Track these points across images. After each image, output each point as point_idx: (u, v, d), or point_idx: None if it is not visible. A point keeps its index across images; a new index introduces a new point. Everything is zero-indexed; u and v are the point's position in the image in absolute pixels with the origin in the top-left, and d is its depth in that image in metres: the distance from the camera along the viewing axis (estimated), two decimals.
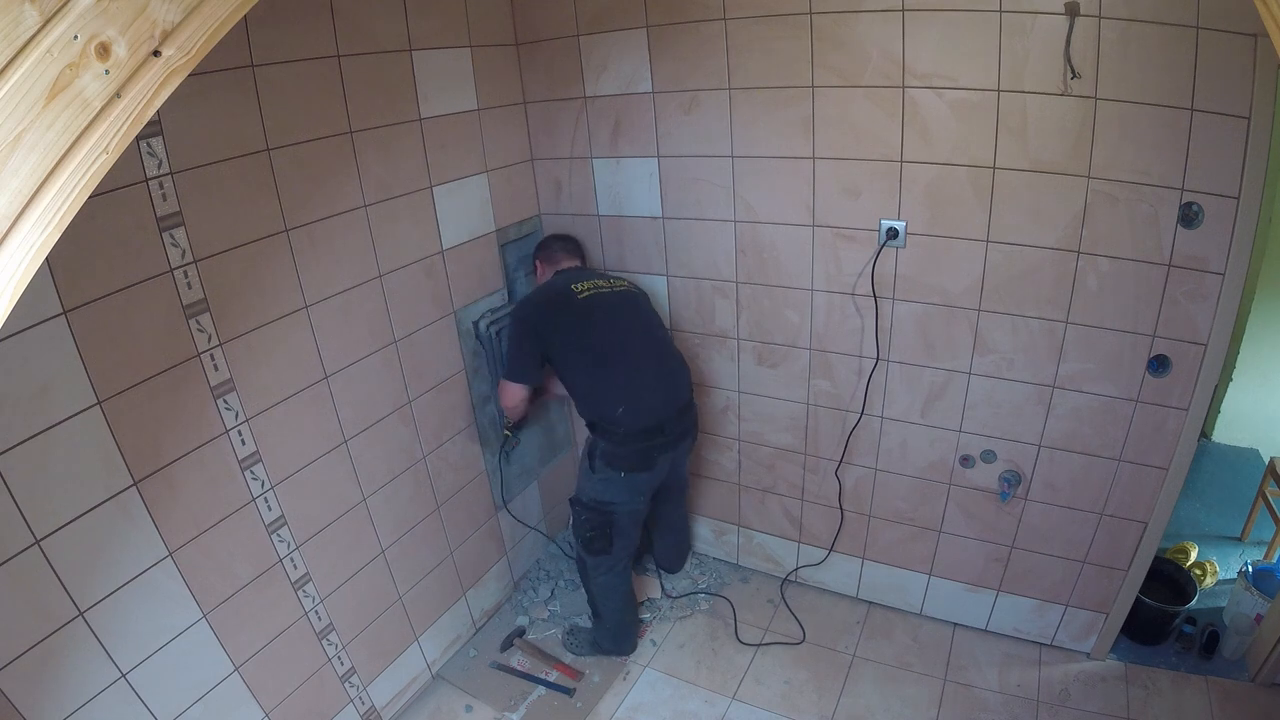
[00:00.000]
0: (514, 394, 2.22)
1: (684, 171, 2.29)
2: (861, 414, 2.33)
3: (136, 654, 1.53)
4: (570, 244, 2.40)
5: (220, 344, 1.60)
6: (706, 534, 2.91)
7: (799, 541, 2.69)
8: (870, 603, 2.65)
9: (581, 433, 2.53)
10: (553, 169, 2.51)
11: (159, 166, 1.43)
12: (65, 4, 0.61)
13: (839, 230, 2.13)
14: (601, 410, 2.18)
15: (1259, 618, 2.24)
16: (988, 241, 1.96)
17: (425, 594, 2.35)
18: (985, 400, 2.15)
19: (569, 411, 2.92)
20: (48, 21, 0.60)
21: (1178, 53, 1.60)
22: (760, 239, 2.26)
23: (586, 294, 2.17)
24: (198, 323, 1.55)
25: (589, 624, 2.58)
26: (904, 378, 2.23)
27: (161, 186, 1.44)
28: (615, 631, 2.49)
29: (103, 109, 0.66)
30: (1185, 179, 1.70)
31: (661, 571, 2.83)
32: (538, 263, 2.39)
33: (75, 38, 0.62)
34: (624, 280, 2.31)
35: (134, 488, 1.47)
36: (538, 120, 2.45)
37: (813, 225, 2.17)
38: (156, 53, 0.68)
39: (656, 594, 2.75)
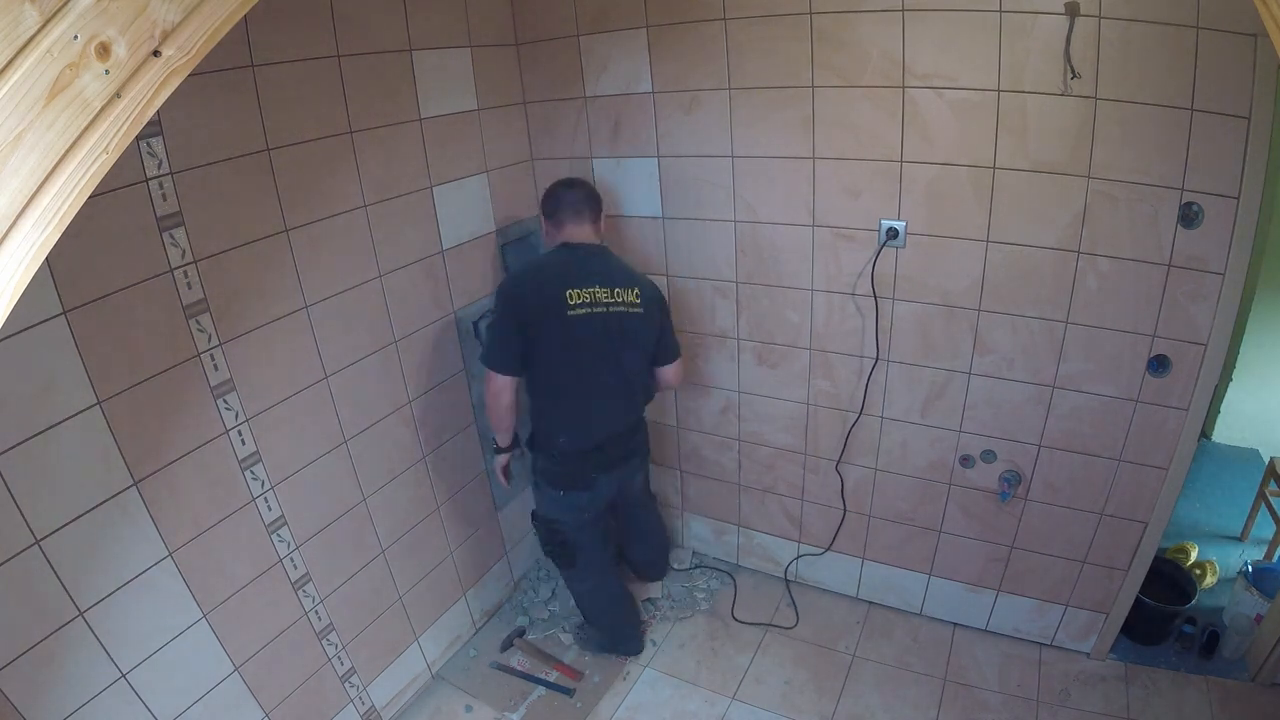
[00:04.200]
0: (493, 385, 1.97)
1: (684, 171, 2.29)
2: (860, 413, 2.33)
3: (136, 654, 1.53)
4: (579, 199, 2.03)
5: (220, 344, 1.61)
6: (706, 534, 2.90)
7: (799, 541, 2.69)
8: (870, 603, 2.65)
9: None
10: (553, 169, 2.50)
11: (159, 166, 1.43)
12: (65, 4, 0.61)
13: (839, 230, 2.13)
14: (540, 431, 2.11)
15: (1259, 618, 2.24)
16: (988, 241, 1.96)
17: (425, 594, 2.35)
18: (985, 400, 2.15)
19: None
20: (48, 21, 0.60)
21: (1178, 53, 1.60)
22: (760, 239, 2.26)
23: (579, 312, 1.90)
24: (198, 323, 1.55)
25: None
26: (904, 378, 2.23)
27: (161, 186, 1.44)
28: (611, 634, 2.49)
29: (103, 109, 0.66)
30: (1185, 179, 1.70)
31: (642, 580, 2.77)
32: (543, 220, 2.09)
33: (75, 38, 0.62)
34: (631, 291, 1.98)
35: (134, 488, 1.47)
36: (538, 120, 2.45)
37: (813, 225, 2.17)
38: (156, 53, 0.68)
39: (657, 594, 2.75)
